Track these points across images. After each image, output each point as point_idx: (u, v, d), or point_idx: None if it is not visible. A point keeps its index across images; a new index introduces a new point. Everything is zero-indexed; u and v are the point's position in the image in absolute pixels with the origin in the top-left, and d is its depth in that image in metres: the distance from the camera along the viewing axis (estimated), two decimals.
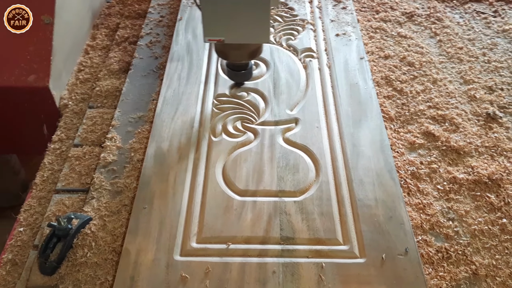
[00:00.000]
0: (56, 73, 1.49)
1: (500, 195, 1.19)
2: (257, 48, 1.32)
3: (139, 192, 1.14)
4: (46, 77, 1.44)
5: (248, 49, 1.31)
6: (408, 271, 0.99)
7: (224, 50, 1.32)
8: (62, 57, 1.55)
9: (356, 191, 1.14)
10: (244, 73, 1.40)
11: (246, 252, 1.02)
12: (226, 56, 1.34)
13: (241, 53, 1.31)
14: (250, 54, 1.32)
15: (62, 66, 1.55)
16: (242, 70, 1.39)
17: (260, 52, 1.35)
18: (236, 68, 1.38)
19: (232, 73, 1.40)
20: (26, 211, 1.21)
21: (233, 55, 1.32)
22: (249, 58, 1.35)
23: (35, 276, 1.03)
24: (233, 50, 1.31)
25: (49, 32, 1.48)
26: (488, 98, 1.48)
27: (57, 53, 1.51)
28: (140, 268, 1.00)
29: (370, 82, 1.45)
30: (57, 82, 1.50)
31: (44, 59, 1.46)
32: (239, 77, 1.42)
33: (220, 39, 1.21)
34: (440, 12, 1.87)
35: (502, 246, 1.09)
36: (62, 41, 1.55)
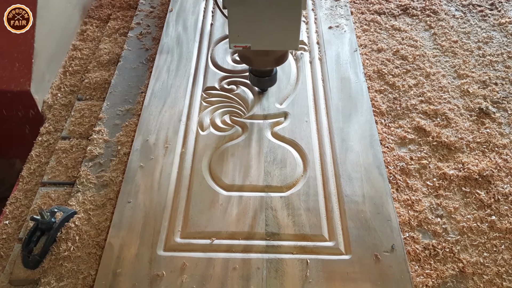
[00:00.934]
0: (38, 76, 1.43)
1: (490, 192, 1.18)
2: (283, 54, 1.25)
3: (124, 186, 1.13)
4: (27, 81, 1.38)
5: (274, 55, 1.24)
6: (394, 268, 0.98)
7: (249, 56, 1.25)
8: (45, 59, 1.49)
9: (343, 187, 1.13)
10: (269, 79, 1.32)
11: (231, 247, 1.01)
12: (251, 63, 1.27)
13: (266, 59, 1.24)
14: (276, 60, 1.25)
15: (45, 68, 1.48)
16: (266, 76, 1.31)
17: (286, 58, 1.27)
18: (260, 74, 1.31)
19: (255, 79, 1.32)
20: (12, 204, 1.21)
21: (258, 61, 1.25)
22: (275, 65, 1.28)
23: (18, 269, 1.02)
24: (258, 56, 1.23)
25: (30, 33, 1.42)
26: (482, 93, 1.46)
27: (40, 55, 1.45)
28: (123, 262, 0.99)
29: (362, 75, 1.43)
30: (40, 86, 1.45)
31: (25, 62, 1.40)
32: (262, 84, 1.34)
33: (246, 46, 1.15)
34: (435, 5, 1.84)
35: (491, 243, 1.07)
36: (45, 42, 1.48)
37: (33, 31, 1.43)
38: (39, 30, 1.45)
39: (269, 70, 1.30)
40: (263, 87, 1.36)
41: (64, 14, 1.66)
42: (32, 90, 1.39)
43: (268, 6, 1.07)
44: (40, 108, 1.44)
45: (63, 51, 1.65)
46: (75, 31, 1.75)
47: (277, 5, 1.07)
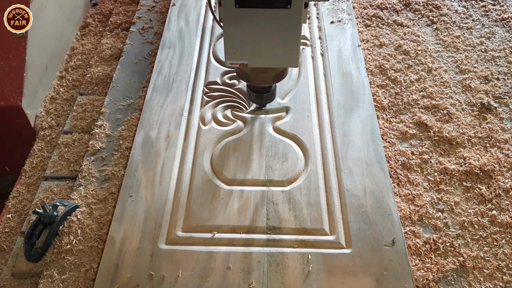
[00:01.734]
0: (30, 91, 1.39)
1: (492, 187, 1.18)
2: (283, 70, 1.19)
3: (125, 180, 1.13)
4: (19, 95, 1.33)
5: (273, 72, 1.18)
6: (394, 262, 0.98)
7: (247, 72, 1.19)
8: (38, 72, 1.44)
9: (344, 181, 1.13)
10: (268, 95, 1.26)
11: (232, 241, 1.02)
12: (248, 79, 1.21)
13: (266, 76, 1.18)
14: (276, 76, 1.19)
15: (38, 82, 1.44)
16: (265, 92, 1.25)
17: (286, 74, 1.21)
18: (258, 90, 1.25)
19: (253, 96, 1.26)
20: (15, 198, 1.21)
21: (257, 78, 1.20)
22: (274, 82, 1.22)
23: (21, 263, 1.03)
24: (257, 73, 1.18)
25: (22, 46, 1.38)
26: (484, 88, 1.46)
27: (32, 68, 1.40)
28: (124, 256, 0.99)
29: (363, 70, 1.42)
30: (32, 100, 1.39)
31: (16, 76, 1.35)
32: (261, 100, 1.29)
33: (243, 63, 1.09)
34: (438, 0, 1.83)
35: (491, 238, 1.08)
36: (38, 54, 1.44)
37: (25, 44, 1.38)
38: (31, 43, 1.40)
39: (268, 86, 1.24)
40: (262, 103, 1.31)
41: (57, 25, 1.61)
42: (23, 105, 1.34)
43: (266, 24, 1.01)
44: (33, 123, 1.39)
45: (57, 62, 1.59)
46: (69, 41, 1.69)
47: (275, 22, 1.01)
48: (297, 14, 0.99)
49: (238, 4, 0.97)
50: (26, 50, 1.38)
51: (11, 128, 1.40)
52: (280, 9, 0.97)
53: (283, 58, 1.09)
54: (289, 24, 1.01)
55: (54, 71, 1.56)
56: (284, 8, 0.97)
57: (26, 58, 1.37)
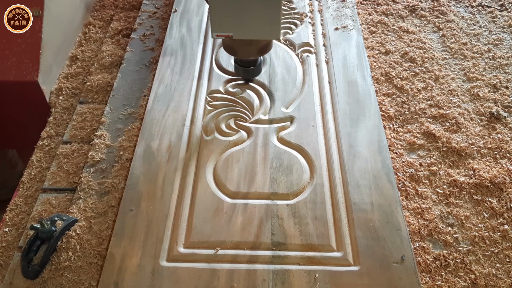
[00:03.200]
0: (46, 67, 1.45)
1: (503, 200, 1.15)
2: (266, 44, 1.27)
3: (126, 193, 1.10)
4: (35, 71, 1.40)
5: (257, 45, 1.26)
6: (404, 280, 0.95)
7: (233, 45, 1.27)
8: (52, 51, 1.50)
9: (351, 195, 1.09)
10: (253, 69, 1.35)
11: (235, 258, 0.98)
12: (235, 52, 1.29)
13: (250, 49, 1.26)
14: (260, 50, 1.27)
15: (52, 60, 1.50)
16: (251, 66, 1.34)
17: (270, 48, 1.29)
18: (244, 64, 1.34)
19: (240, 69, 1.35)
20: (12, 211, 1.18)
21: (242, 51, 1.28)
22: (258, 54, 1.31)
23: (17, 280, 1.00)
24: (242, 46, 1.26)
25: (38, 25, 1.43)
26: (492, 97, 1.43)
27: (47, 47, 1.46)
28: (124, 273, 0.96)
29: (369, 79, 1.39)
30: (47, 77, 1.46)
31: (33, 53, 1.42)
32: (247, 74, 1.37)
33: (229, 35, 1.17)
34: (444, 6, 1.80)
35: (503, 254, 1.04)
36: (52, 34, 1.50)
37: (41, 23, 1.44)
38: (46, 22, 1.46)
39: (254, 60, 1.33)
40: (248, 77, 1.38)
41: (70, 7, 1.67)
42: (40, 80, 1.40)
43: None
44: (48, 99, 1.46)
45: (69, 44, 1.65)
46: (80, 25, 1.75)
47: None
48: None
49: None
50: (42, 28, 1.44)
51: (27, 103, 1.47)
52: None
53: (265, 30, 1.17)
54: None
55: (67, 52, 1.63)
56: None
57: (42, 36, 1.43)
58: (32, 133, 1.41)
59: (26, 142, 1.52)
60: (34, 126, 1.43)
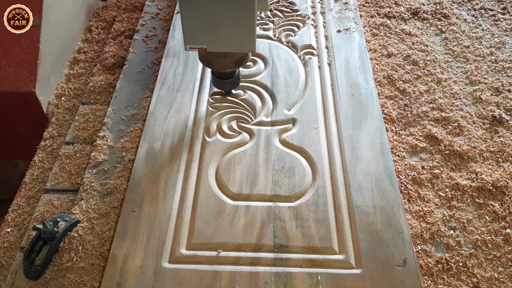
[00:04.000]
0: (43, 78, 1.42)
1: (505, 204, 1.14)
2: (243, 56, 1.22)
3: (128, 195, 1.10)
4: (33, 82, 1.38)
5: (233, 57, 1.21)
6: (406, 283, 0.95)
7: (208, 57, 1.22)
8: (50, 60, 1.48)
9: (354, 197, 1.09)
10: (231, 82, 1.30)
11: (237, 260, 0.98)
12: (210, 64, 1.25)
13: (226, 61, 1.22)
14: (236, 62, 1.23)
15: (50, 70, 1.47)
16: (228, 78, 1.29)
17: (247, 60, 1.25)
18: (222, 76, 1.28)
19: (217, 81, 1.30)
20: (14, 211, 1.18)
21: (217, 63, 1.23)
22: (235, 67, 1.26)
23: (20, 280, 1.00)
24: (218, 58, 1.21)
25: (36, 34, 1.41)
26: (495, 100, 1.43)
27: (45, 56, 1.43)
28: (127, 274, 0.96)
29: (372, 81, 1.39)
30: (45, 87, 1.43)
31: (30, 63, 1.39)
32: (225, 86, 1.33)
33: (202, 47, 1.12)
34: (446, 9, 1.80)
35: (506, 258, 1.04)
36: (50, 43, 1.47)
37: (39, 32, 1.41)
38: (44, 31, 1.43)
39: (231, 72, 1.28)
40: (226, 89, 1.35)
41: (69, 15, 1.64)
42: (37, 91, 1.38)
43: (221, 8, 1.04)
44: (45, 110, 1.43)
45: (69, 52, 1.63)
46: (80, 32, 1.73)
47: (230, 6, 1.04)
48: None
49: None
50: (39, 38, 1.41)
51: (24, 114, 1.44)
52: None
53: (240, 42, 1.12)
54: (243, 8, 1.04)
55: (65, 61, 1.60)
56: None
57: (39, 46, 1.41)
58: (29, 144, 1.39)
59: (23, 153, 1.51)
60: (31, 137, 1.41)
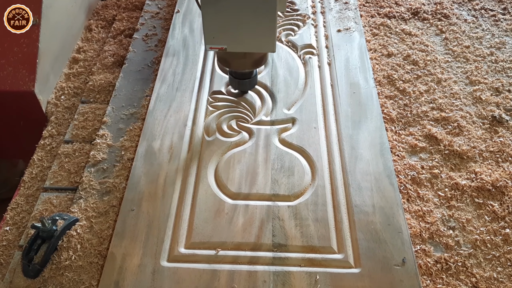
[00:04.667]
0: (42, 77, 1.42)
1: (504, 204, 1.14)
2: (262, 56, 1.22)
3: (127, 193, 1.10)
4: (32, 81, 1.37)
5: (252, 57, 1.20)
6: (405, 283, 0.94)
7: (226, 57, 1.22)
8: (50, 60, 1.47)
9: (353, 197, 1.09)
10: (248, 82, 1.29)
11: (236, 259, 0.98)
12: (228, 64, 1.24)
13: (244, 61, 1.21)
14: (254, 62, 1.22)
15: (49, 69, 1.47)
16: (246, 78, 1.28)
17: (266, 60, 1.25)
18: (239, 76, 1.28)
19: (234, 82, 1.30)
20: (13, 210, 1.18)
21: (236, 63, 1.22)
22: (253, 67, 1.25)
23: (18, 279, 1.00)
24: (236, 58, 1.21)
25: (35, 34, 1.40)
26: (495, 100, 1.43)
27: (44, 56, 1.43)
28: (125, 273, 0.96)
29: (372, 81, 1.39)
30: (44, 86, 1.43)
31: (29, 62, 1.38)
32: (242, 86, 1.32)
33: (222, 47, 1.12)
34: (447, 9, 1.80)
35: (505, 258, 1.04)
36: (50, 42, 1.47)
37: (38, 32, 1.41)
38: (44, 31, 1.43)
39: (249, 72, 1.27)
40: (243, 89, 1.34)
41: (69, 14, 1.64)
42: (36, 90, 1.38)
43: (242, 8, 1.04)
44: (44, 109, 1.43)
45: (68, 51, 1.62)
46: (80, 31, 1.72)
47: (251, 7, 1.04)
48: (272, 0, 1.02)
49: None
50: (39, 37, 1.41)
51: (23, 113, 1.43)
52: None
53: (260, 43, 1.12)
54: (265, 8, 1.04)
55: (65, 60, 1.60)
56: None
57: (39, 45, 1.40)
58: (28, 143, 1.38)
59: (21, 152, 1.50)
60: (30, 137, 1.39)
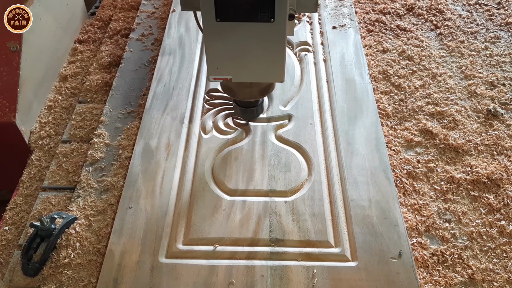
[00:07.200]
0: (24, 106, 1.35)
1: (500, 196, 1.15)
2: (269, 85, 1.16)
3: (125, 191, 1.11)
4: (12, 112, 1.30)
5: (259, 86, 1.14)
6: (401, 275, 0.95)
7: (232, 87, 1.15)
8: (32, 86, 1.41)
9: (349, 191, 1.10)
10: (255, 110, 1.22)
11: (234, 254, 0.99)
12: (234, 94, 1.17)
13: (251, 91, 1.14)
14: (262, 91, 1.15)
15: (32, 97, 1.40)
16: (252, 106, 1.21)
17: (273, 88, 1.18)
18: (245, 105, 1.21)
19: (240, 110, 1.22)
20: (12, 209, 1.19)
21: (242, 93, 1.16)
22: (260, 96, 1.18)
23: (17, 277, 1.00)
24: (242, 88, 1.14)
25: (15, 61, 1.34)
26: (489, 94, 1.43)
27: (26, 83, 1.37)
28: (124, 270, 0.96)
29: (367, 77, 1.40)
30: (26, 116, 1.36)
31: (10, 91, 1.32)
32: (248, 115, 1.24)
33: (227, 78, 1.04)
34: (441, 4, 1.81)
35: (500, 249, 1.05)
36: (32, 68, 1.41)
37: (19, 58, 1.34)
38: (25, 57, 1.37)
39: (255, 101, 1.20)
40: (250, 118, 1.26)
41: (53, 37, 1.57)
42: (17, 121, 1.31)
43: (249, 38, 0.96)
44: (27, 140, 1.36)
45: (53, 76, 1.55)
46: (65, 53, 1.65)
47: (258, 36, 0.96)
48: (281, 28, 0.93)
49: (219, 18, 0.91)
50: (20, 64, 1.34)
51: (4, 145, 1.37)
52: (263, 23, 0.92)
53: (268, 72, 1.04)
54: (273, 38, 0.96)
55: (50, 85, 1.52)
56: (267, 22, 0.92)
57: (20, 73, 1.34)
58: (11, 175, 1.32)
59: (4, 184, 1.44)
60: (13, 168, 1.33)
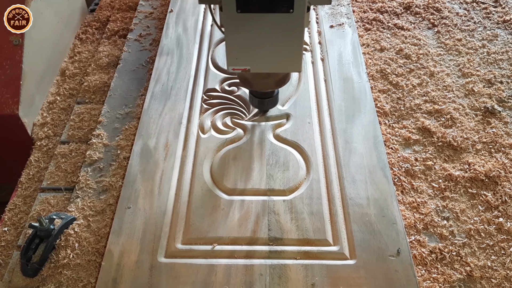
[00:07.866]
0: (27, 99, 1.37)
1: (497, 193, 1.15)
2: (285, 75, 1.18)
3: (123, 191, 1.11)
4: (15, 104, 1.33)
5: (275, 77, 1.16)
6: (400, 273, 0.95)
7: (248, 78, 1.18)
8: (34, 80, 1.43)
9: (347, 190, 1.10)
10: (270, 101, 1.25)
11: (233, 253, 0.99)
12: (250, 85, 1.20)
13: (267, 81, 1.17)
14: (278, 82, 1.18)
15: (35, 90, 1.42)
16: (268, 97, 1.24)
17: (289, 79, 1.20)
18: (260, 95, 1.23)
19: (256, 101, 1.25)
20: (11, 210, 1.19)
21: (258, 84, 1.18)
22: (276, 87, 1.21)
23: (17, 278, 1.01)
24: (259, 78, 1.16)
25: (18, 54, 1.36)
26: (487, 92, 1.44)
27: (29, 76, 1.39)
28: (123, 270, 0.97)
29: (365, 75, 1.40)
30: (29, 108, 1.38)
31: (13, 84, 1.34)
32: (264, 105, 1.27)
33: (246, 68, 1.07)
34: (438, 2, 1.81)
35: (499, 246, 1.05)
36: (34, 62, 1.42)
37: (21, 52, 1.37)
38: (27, 50, 1.38)
39: (271, 91, 1.23)
40: (265, 108, 1.29)
41: (54, 32, 1.59)
42: (20, 113, 1.33)
43: (268, 28, 0.99)
44: (30, 132, 1.38)
45: (54, 70, 1.57)
46: (66, 48, 1.67)
47: (277, 27, 0.98)
48: (299, 19, 0.96)
49: (240, 9, 0.94)
50: (22, 58, 1.37)
51: (8, 137, 1.39)
52: (282, 13, 0.95)
53: (286, 62, 1.06)
54: (292, 28, 0.98)
55: (51, 79, 1.55)
56: (287, 12, 0.94)
57: (22, 66, 1.36)
58: (13, 167, 1.34)
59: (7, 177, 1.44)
60: (16, 161, 1.35)
